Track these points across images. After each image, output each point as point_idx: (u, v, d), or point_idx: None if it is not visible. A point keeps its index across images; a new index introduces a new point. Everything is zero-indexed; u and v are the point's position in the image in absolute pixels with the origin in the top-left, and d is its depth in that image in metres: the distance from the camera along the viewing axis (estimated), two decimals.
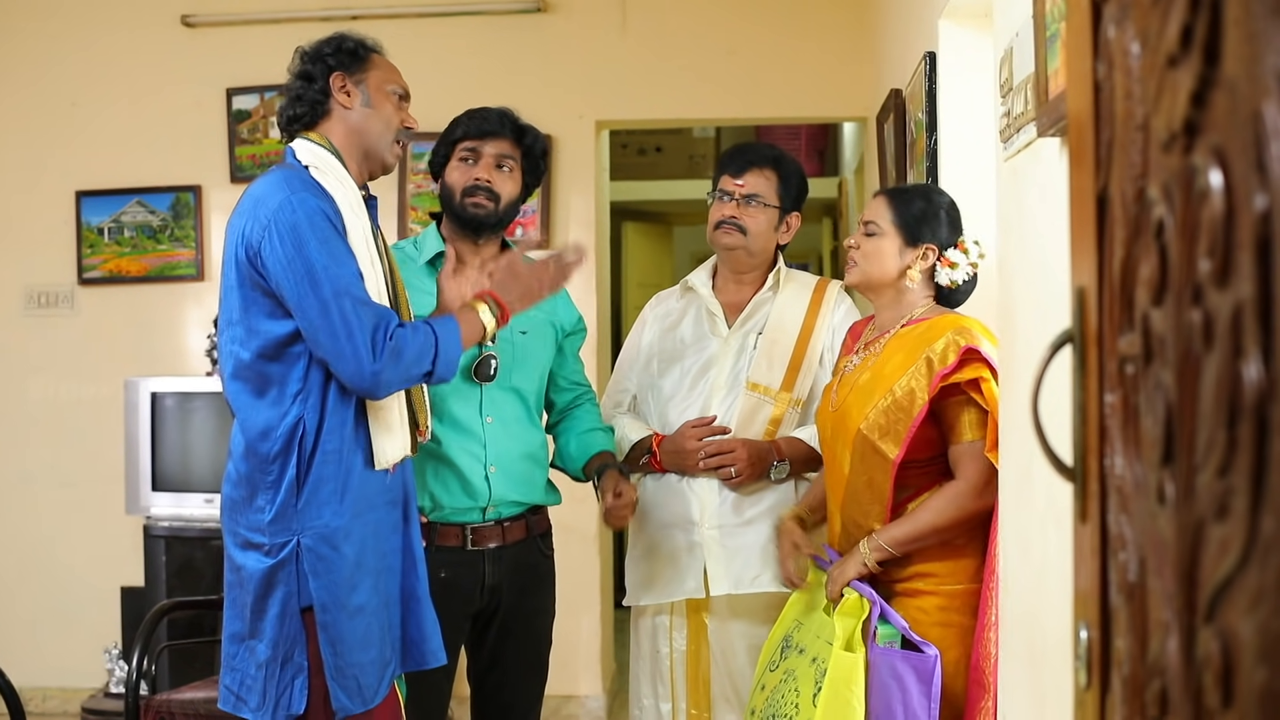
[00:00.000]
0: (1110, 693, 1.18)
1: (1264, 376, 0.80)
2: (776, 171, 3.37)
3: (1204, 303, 0.90)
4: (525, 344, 3.22)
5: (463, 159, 3.20)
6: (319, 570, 2.63)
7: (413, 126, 2.85)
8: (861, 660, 2.69)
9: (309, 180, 2.66)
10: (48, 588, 5.72)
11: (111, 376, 5.54)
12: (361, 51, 2.81)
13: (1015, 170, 2.18)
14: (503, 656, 3.23)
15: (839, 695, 2.68)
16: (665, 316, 3.52)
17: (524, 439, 3.22)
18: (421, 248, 3.26)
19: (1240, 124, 0.81)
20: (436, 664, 2.82)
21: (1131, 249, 1.09)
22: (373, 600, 2.68)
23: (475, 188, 3.16)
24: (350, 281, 2.58)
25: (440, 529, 3.11)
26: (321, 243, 2.58)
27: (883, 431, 2.72)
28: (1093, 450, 1.21)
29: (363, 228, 2.68)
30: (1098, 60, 1.18)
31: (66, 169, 5.72)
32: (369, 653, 2.66)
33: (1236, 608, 0.85)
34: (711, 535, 3.28)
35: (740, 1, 5.54)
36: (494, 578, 3.16)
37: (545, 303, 3.24)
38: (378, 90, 2.79)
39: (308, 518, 2.64)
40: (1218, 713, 0.89)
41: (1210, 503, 0.90)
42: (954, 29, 3.23)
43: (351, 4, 5.49)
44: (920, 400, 2.67)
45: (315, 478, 2.65)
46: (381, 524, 2.72)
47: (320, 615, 2.63)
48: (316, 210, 2.60)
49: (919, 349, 2.71)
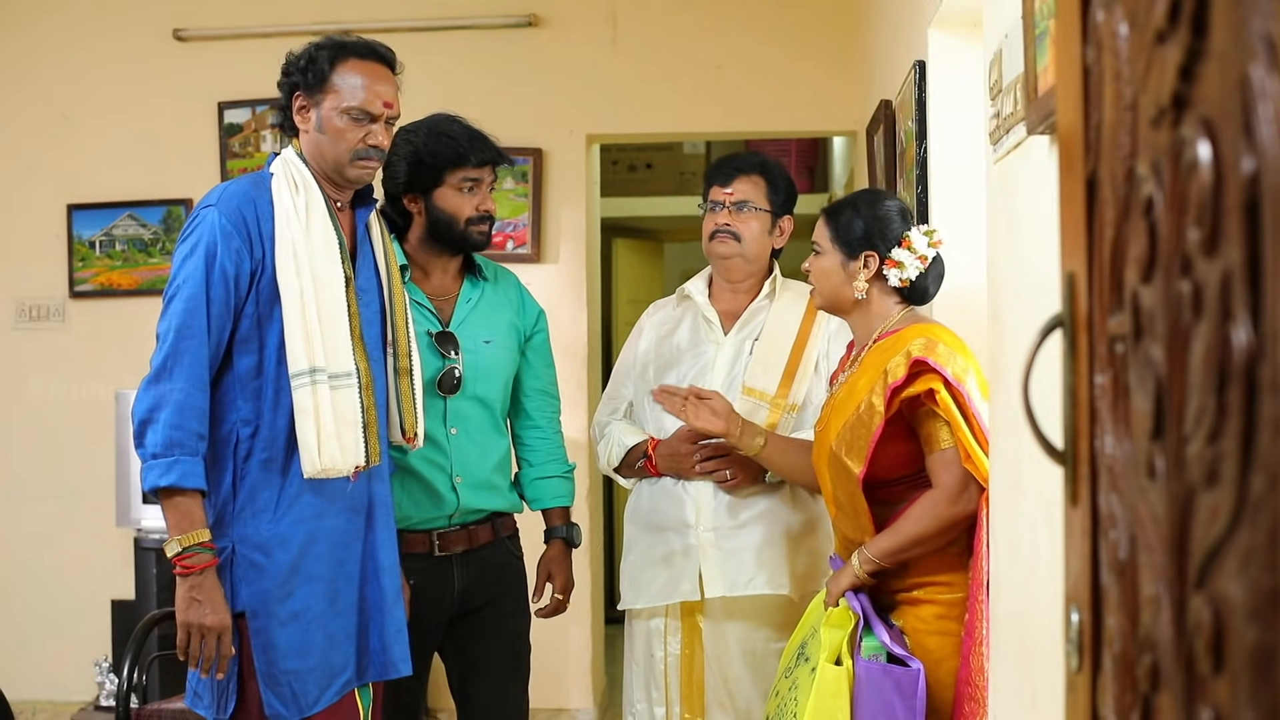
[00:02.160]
0: (1101, 673, 1.19)
1: (1252, 339, 0.81)
2: (764, 176, 3.40)
3: (1193, 273, 0.91)
4: (489, 353, 3.24)
5: (465, 188, 3.16)
6: (250, 577, 2.68)
7: (378, 146, 2.81)
8: (847, 673, 2.69)
9: (245, 190, 2.75)
10: (38, 600, 5.71)
11: (102, 389, 5.53)
12: (323, 70, 2.79)
13: (1004, 171, 2.20)
14: (481, 660, 3.24)
15: (824, 708, 2.68)
16: (661, 324, 3.55)
17: (489, 448, 3.25)
18: None
19: (1228, 90, 0.83)
20: (400, 674, 2.84)
21: (1121, 229, 1.10)
22: (314, 608, 2.70)
23: (481, 218, 3.18)
24: (192, 311, 2.66)
25: (407, 537, 3.11)
26: (187, 260, 2.68)
27: (848, 447, 2.74)
28: (1083, 432, 1.22)
29: (299, 236, 2.70)
30: (1087, 45, 1.19)
31: (58, 182, 5.72)
32: (306, 660, 2.69)
33: (1227, 571, 0.86)
34: (707, 538, 3.30)
35: (730, 17, 5.56)
36: (464, 581, 3.18)
37: (508, 303, 3.30)
38: (331, 114, 2.78)
39: (242, 524, 2.69)
40: (1209, 679, 0.90)
41: (1200, 471, 0.91)
42: (943, 37, 3.25)
43: (343, 18, 5.50)
44: (879, 414, 2.68)
45: (250, 485, 2.70)
46: (336, 531, 2.75)
47: (251, 622, 2.68)
48: (216, 230, 2.68)
49: (883, 363, 2.73)
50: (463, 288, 3.28)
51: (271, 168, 2.79)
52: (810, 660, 2.83)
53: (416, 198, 3.18)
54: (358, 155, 2.79)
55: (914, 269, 2.79)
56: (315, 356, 2.67)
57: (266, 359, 2.70)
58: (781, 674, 2.99)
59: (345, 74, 2.79)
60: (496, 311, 3.29)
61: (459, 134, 3.19)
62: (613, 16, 5.57)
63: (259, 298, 2.69)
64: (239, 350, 2.71)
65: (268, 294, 2.69)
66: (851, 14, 5.37)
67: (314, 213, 2.73)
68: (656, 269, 8.55)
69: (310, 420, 2.66)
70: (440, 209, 3.17)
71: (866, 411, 2.71)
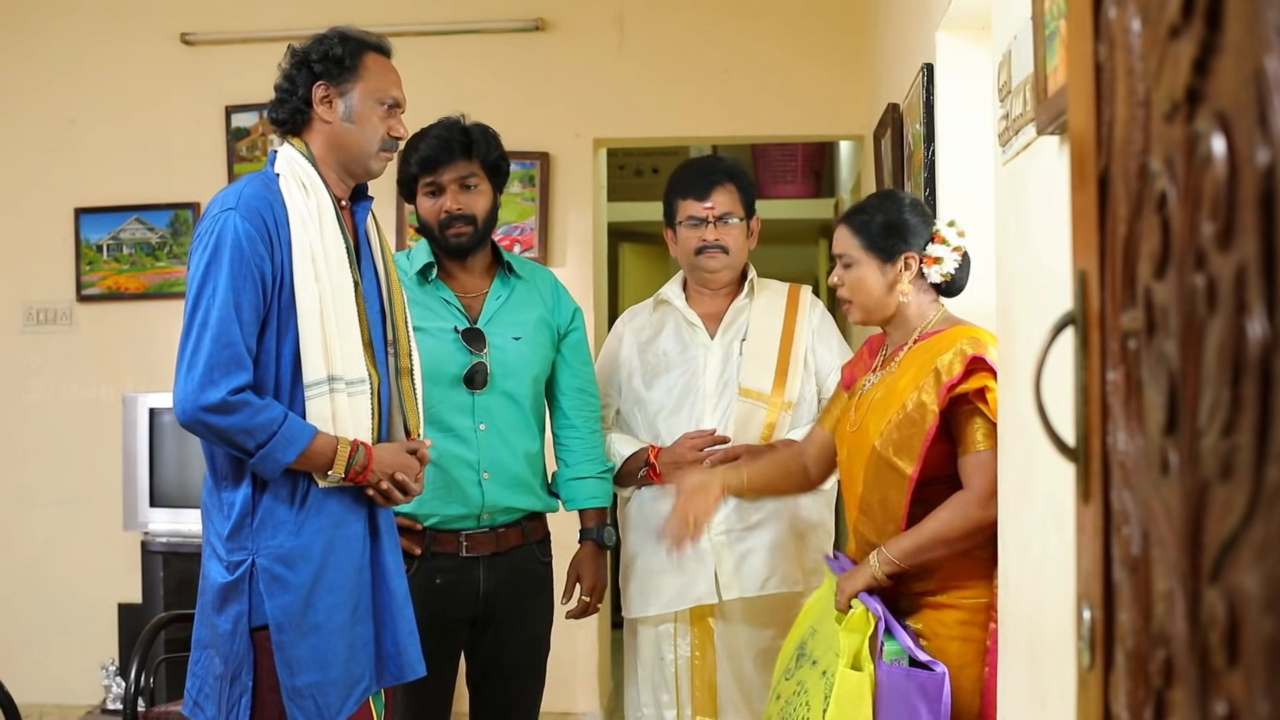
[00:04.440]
0: (1114, 669, 1.19)
1: (1268, 331, 0.81)
2: (735, 184, 3.43)
3: (1207, 267, 0.91)
4: (517, 349, 3.23)
5: (428, 192, 3.21)
6: (273, 591, 2.61)
7: (401, 136, 2.80)
8: (868, 679, 2.62)
9: (261, 193, 2.65)
10: (45, 604, 5.71)
11: (110, 393, 5.54)
12: (350, 60, 2.75)
13: (1014, 172, 2.20)
14: (500, 662, 3.23)
15: (846, 715, 2.62)
16: (640, 330, 3.54)
17: (518, 445, 3.23)
18: (413, 259, 3.28)
19: (1243, 83, 0.83)
20: (415, 676, 2.81)
21: (1134, 225, 1.10)
22: (335, 618, 2.65)
23: (450, 219, 3.19)
24: (225, 318, 2.55)
25: (436, 535, 3.12)
26: (222, 266, 2.56)
27: (897, 447, 2.68)
28: (1095, 429, 1.22)
29: (315, 240, 2.64)
30: (1099, 42, 1.19)
31: (65, 186, 5.73)
32: (329, 672, 2.63)
33: (1242, 563, 0.86)
34: (720, 541, 3.31)
35: (737, 21, 5.57)
36: (489, 584, 3.18)
37: (540, 300, 3.28)
38: (363, 102, 2.75)
39: (263, 537, 2.63)
40: (1223, 672, 0.90)
41: (1215, 464, 0.91)
42: (951, 40, 3.26)
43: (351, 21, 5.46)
44: (931, 413, 2.63)
45: (271, 496, 2.63)
46: (350, 540, 2.70)
47: (276, 635, 2.61)
48: (243, 235, 2.58)
49: (930, 362, 2.69)
50: (493, 285, 3.28)
51: (276, 167, 2.71)
52: (819, 662, 2.78)
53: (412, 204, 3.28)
54: (384, 146, 2.77)
55: (952, 262, 2.77)
56: (334, 365, 2.63)
57: (283, 369, 2.64)
58: (781, 675, 2.94)
59: (370, 63, 2.78)
60: (527, 308, 3.28)
61: (423, 140, 3.22)
62: (619, 21, 5.58)
63: (279, 306, 2.62)
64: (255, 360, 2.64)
65: (286, 302, 2.62)
66: (858, 17, 5.37)
67: (325, 215, 2.68)
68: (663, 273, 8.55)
69: (328, 430, 2.63)
70: (420, 216, 3.25)
71: (917, 410, 2.65)
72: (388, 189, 4.33)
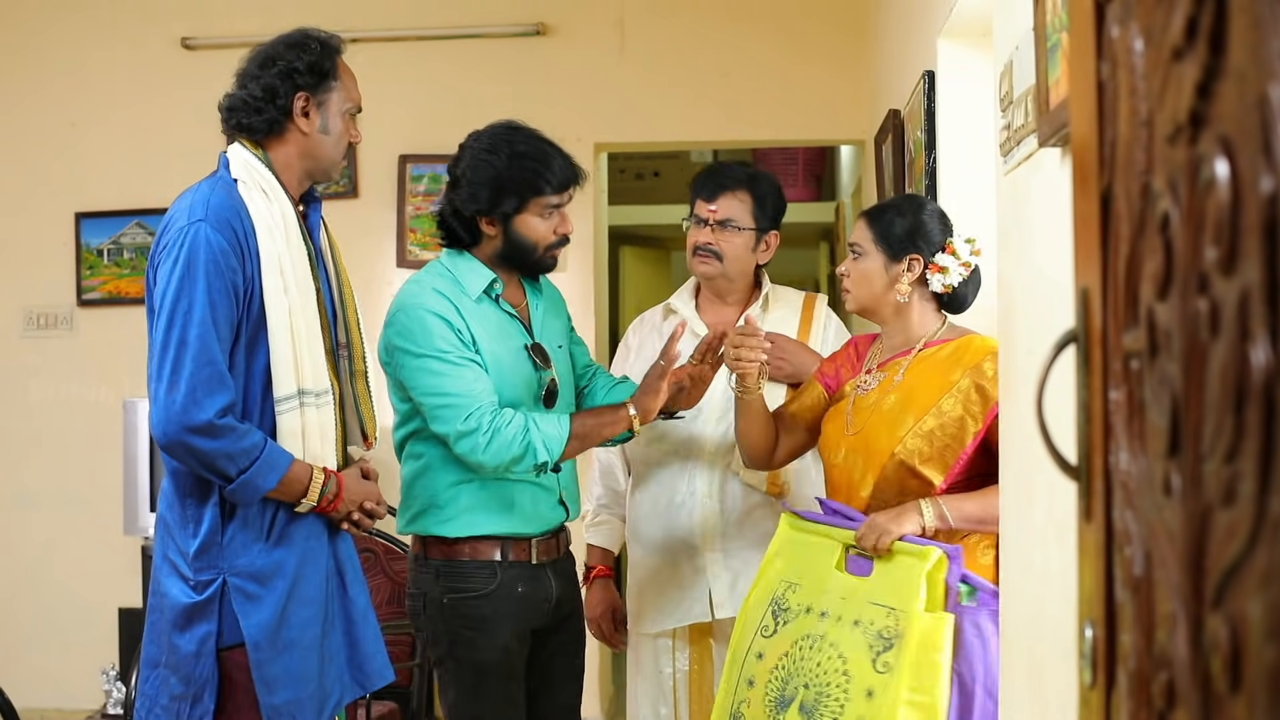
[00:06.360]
0: (1116, 689, 1.19)
1: (1271, 359, 0.80)
2: (750, 192, 3.31)
3: (1210, 291, 0.91)
4: (562, 358, 3.14)
5: (547, 212, 3.00)
6: (246, 610, 2.56)
7: (357, 142, 2.78)
8: (949, 621, 2.56)
9: (227, 202, 2.57)
10: (45, 608, 5.71)
11: (110, 397, 5.54)
12: (328, 67, 2.71)
13: (1015, 183, 2.19)
14: (556, 671, 3.15)
15: (928, 658, 2.53)
16: (648, 340, 3.49)
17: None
18: (466, 282, 3.00)
19: (1247, 109, 0.82)
20: (384, 683, 2.76)
21: (1136, 245, 1.10)
22: (308, 632, 2.61)
23: (560, 241, 3.05)
24: (204, 335, 2.48)
25: (511, 544, 3.00)
26: (197, 281, 2.50)
27: (924, 458, 2.69)
28: (1097, 448, 1.22)
29: (282, 251, 2.59)
30: (1101, 60, 1.19)
31: (66, 190, 5.73)
32: (305, 687, 2.60)
33: (1245, 590, 0.85)
34: (715, 559, 3.28)
35: (738, 25, 5.57)
36: (557, 590, 3.08)
37: (555, 303, 3.18)
38: (336, 114, 2.72)
39: (232, 555, 2.57)
40: (1226, 698, 0.89)
41: (1217, 489, 0.90)
42: (952, 47, 3.25)
43: (351, 26, 5.48)
44: (973, 428, 2.65)
45: (241, 515, 2.58)
46: (318, 551, 2.67)
47: (254, 654, 2.55)
48: (216, 248, 2.51)
49: (953, 372, 2.70)
50: (527, 296, 3.12)
51: (233, 172, 2.63)
52: (831, 613, 2.67)
53: (495, 221, 2.98)
54: (343, 154, 2.76)
55: (957, 275, 2.77)
56: (304, 379, 2.59)
57: (253, 384, 2.59)
58: (754, 632, 2.80)
59: (342, 72, 2.75)
60: (556, 315, 3.19)
61: (541, 157, 2.99)
62: (620, 25, 5.58)
63: (248, 319, 2.56)
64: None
65: (256, 315, 2.57)
66: (860, 23, 5.37)
67: (289, 223, 2.62)
68: (664, 277, 8.56)
69: (298, 444, 2.59)
70: (520, 234, 2.98)
71: (956, 425, 2.67)
72: (389, 189, 4.31)
